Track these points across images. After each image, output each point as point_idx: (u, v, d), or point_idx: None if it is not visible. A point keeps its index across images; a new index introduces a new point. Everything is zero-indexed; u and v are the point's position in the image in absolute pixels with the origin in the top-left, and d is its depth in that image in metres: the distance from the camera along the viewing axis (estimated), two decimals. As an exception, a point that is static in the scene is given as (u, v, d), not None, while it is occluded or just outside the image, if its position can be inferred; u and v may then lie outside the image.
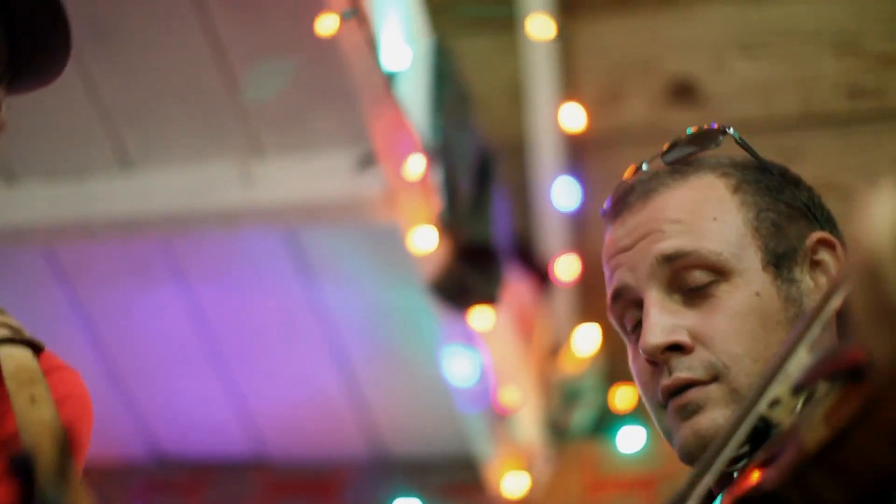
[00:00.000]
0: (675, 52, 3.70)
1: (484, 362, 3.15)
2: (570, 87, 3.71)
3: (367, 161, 2.78)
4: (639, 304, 1.64)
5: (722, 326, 1.57)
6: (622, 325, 1.71)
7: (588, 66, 3.73)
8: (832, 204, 3.90)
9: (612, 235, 1.72)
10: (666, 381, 1.56)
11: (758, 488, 1.32)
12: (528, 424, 3.43)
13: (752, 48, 3.65)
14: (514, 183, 3.56)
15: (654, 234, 1.64)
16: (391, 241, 2.91)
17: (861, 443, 1.14)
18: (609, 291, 1.69)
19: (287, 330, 3.20)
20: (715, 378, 1.54)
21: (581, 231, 3.72)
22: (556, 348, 3.62)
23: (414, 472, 3.38)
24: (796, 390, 1.29)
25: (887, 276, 0.93)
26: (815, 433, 1.23)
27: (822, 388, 1.31)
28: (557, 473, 3.54)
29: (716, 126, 1.78)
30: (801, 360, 1.35)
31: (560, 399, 3.59)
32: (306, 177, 2.88)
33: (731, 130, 1.76)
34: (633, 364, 1.69)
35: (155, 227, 3.02)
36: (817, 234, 1.66)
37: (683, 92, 3.68)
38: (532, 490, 3.36)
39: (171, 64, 2.83)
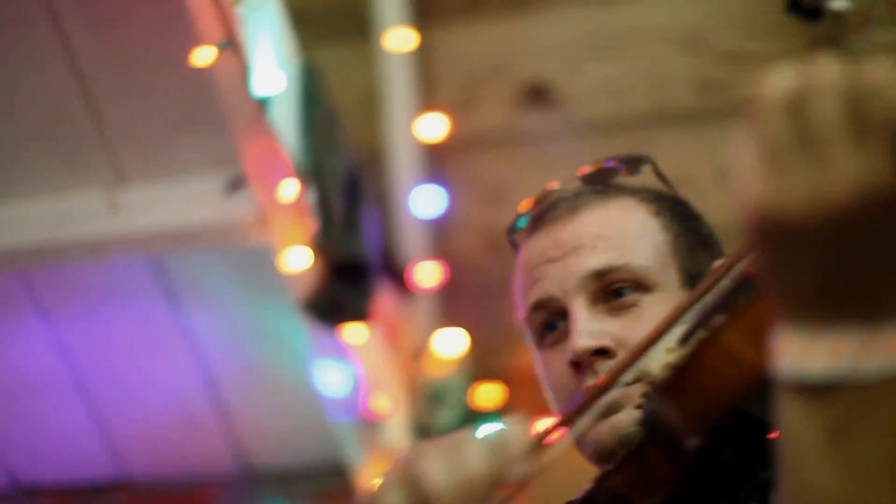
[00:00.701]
0: (528, 56, 3.77)
1: (355, 373, 3.19)
2: (426, 95, 3.74)
3: (236, 185, 2.79)
4: (561, 314, 1.72)
5: (644, 332, 1.65)
6: (538, 334, 1.77)
7: (443, 73, 3.78)
8: (687, 196, 4.02)
9: (536, 246, 1.79)
10: (591, 381, 1.63)
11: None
12: (398, 430, 3.48)
13: (603, 49, 3.73)
14: (373, 192, 3.59)
15: (583, 248, 1.73)
16: (261, 262, 2.92)
17: (708, 361, 1.26)
18: (530, 300, 1.76)
19: (153, 353, 3.19)
20: (637, 380, 1.60)
21: (442, 237, 3.77)
22: (419, 353, 3.66)
23: (283, 483, 3.39)
24: (681, 343, 1.39)
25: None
26: (680, 358, 1.36)
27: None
28: (428, 476, 3.58)
29: (637, 156, 1.88)
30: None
31: (426, 402, 3.64)
32: (174, 203, 2.88)
33: (651, 160, 1.86)
34: (546, 370, 1.76)
35: (17, 259, 2.98)
36: (718, 262, 1.77)
37: (537, 95, 3.75)
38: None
39: (33, 95, 2.79)
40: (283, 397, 3.23)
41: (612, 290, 1.70)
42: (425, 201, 3.67)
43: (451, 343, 3.65)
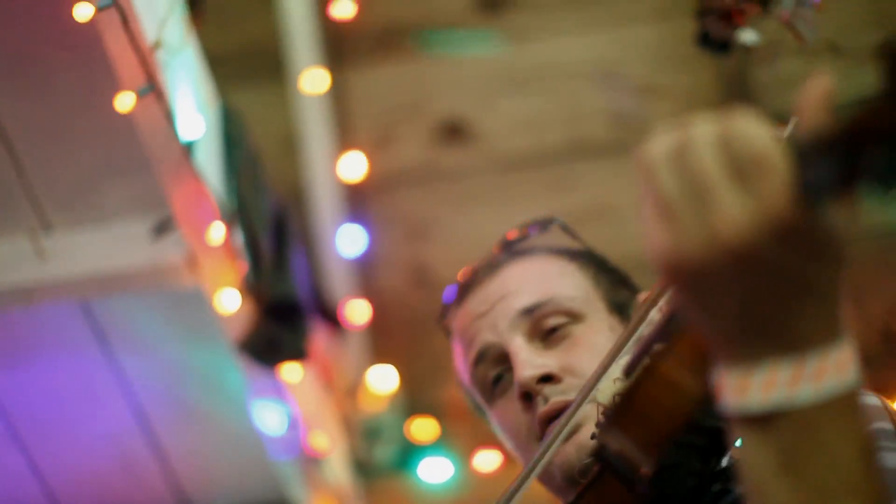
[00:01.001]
0: (443, 93, 3.83)
1: (292, 411, 3.20)
2: (343, 134, 3.79)
3: (163, 228, 2.80)
4: (502, 359, 1.80)
5: (586, 357, 1.75)
6: (485, 387, 1.84)
7: (359, 112, 3.82)
8: (606, 226, 4.08)
9: (465, 310, 1.89)
10: (543, 408, 1.72)
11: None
12: (338, 466, 3.49)
13: (519, 84, 3.80)
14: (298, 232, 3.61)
15: (509, 295, 1.83)
16: (193, 304, 2.92)
17: (650, 389, 1.30)
18: (471, 357, 1.83)
19: (87, 398, 3.16)
20: (592, 399, 1.65)
21: (368, 275, 3.80)
22: (353, 389, 3.68)
23: (226, 524, 3.39)
24: (626, 373, 1.44)
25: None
26: (622, 391, 1.41)
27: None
28: (369, 510, 3.60)
29: (542, 221, 2.03)
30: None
31: (363, 438, 3.66)
32: (101, 247, 2.87)
33: (559, 220, 2.03)
34: (502, 420, 1.83)
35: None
36: (643, 294, 1.87)
37: (454, 131, 3.80)
38: (347, 529, 3.42)
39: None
40: (220, 438, 3.23)
41: (545, 326, 1.78)
42: (348, 240, 3.71)
43: (384, 379, 3.68)
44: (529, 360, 1.75)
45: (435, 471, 3.60)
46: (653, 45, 3.77)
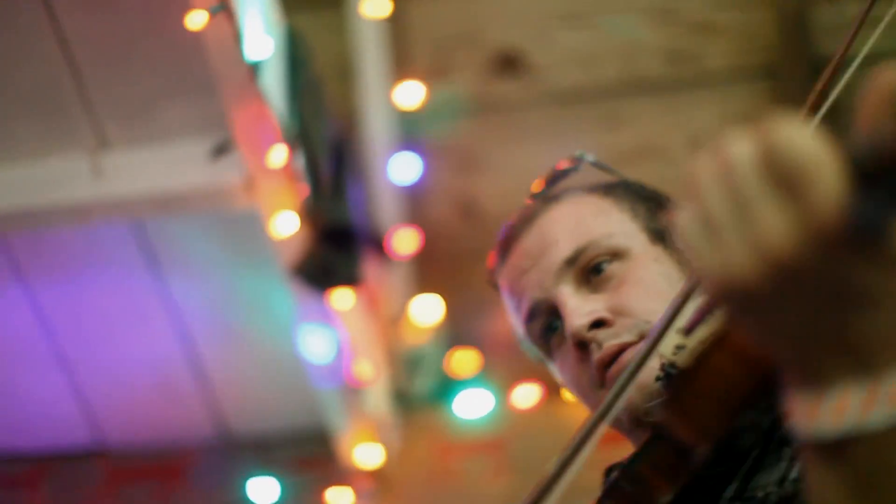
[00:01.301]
0: (499, 25, 3.78)
1: (339, 339, 3.19)
2: (399, 63, 3.74)
3: (222, 150, 2.77)
4: (553, 311, 1.75)
5: (634, 294, 1.71)
6: (544, 343, 1.81)
7: (416, 41, 3.78)
8: (654, 165, 4.05)
9: (509, 268, 1.84)
10: (598, 354, 1.68)
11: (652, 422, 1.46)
12: (378, 396, 3.49)
13: (573, 18, 3.75)
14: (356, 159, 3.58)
15: (548, 247, 1.78)
16: (247, 228, 2.91)
17: (716, 364, 1.27)
18: (523, 315, 1.80)
19: (134, 320, 3.16)
20: (643, 336, 1.64)
21: (416, 205, 3.78)
22: (397, 319, 3.67)
23: (263, 449, 3.39)
24: (687, 332, 1.41)
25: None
26: (685, 362, 1.37)
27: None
28: (407, 442, 3.61)
29: (571, 159, 1.94)
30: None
31: (404, 369, 3.66)
32: (159, 167, 2.85)
33: (588, 156, 1.93)
34: (563, 372, 1.80)
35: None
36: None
37: (509, 63, 3.76)
38: (385, 459, 3.41)
39: (15, 59, 2.74)
40: (264, 364, 3.23)
41: (591, 268, 1.74)
42: (400, 169, 3.68)
43: (427, 310, 3.67)
44: (578, 309, 1.70)
45: (474, 404, 3.59)
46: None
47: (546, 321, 1.78)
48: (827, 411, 1.02)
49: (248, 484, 3.30)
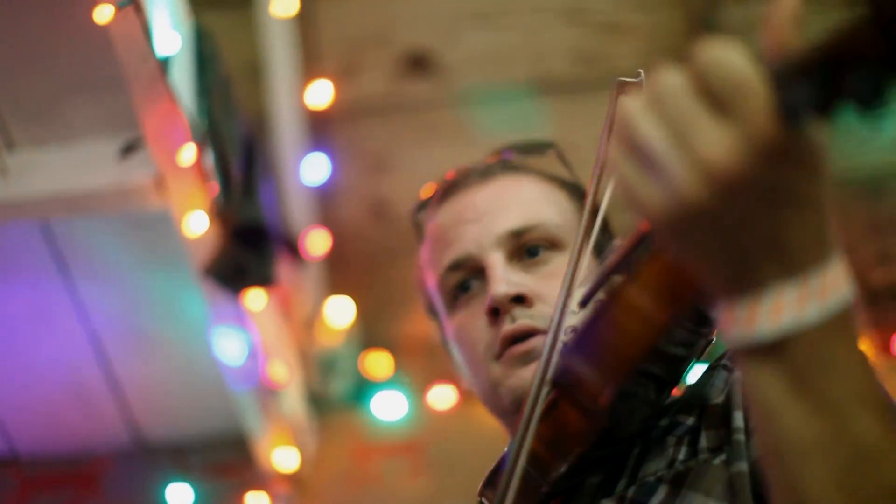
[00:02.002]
0: (409, 25, 3.77)
1: (252, 340, 3.15)
2: (309, 63, 3.72)
3: (131, 148, 2.73)
4: (477, 271, 1.79)
5: (559, 287, 1.70)
6: (451, 295, 1.82)
7: (326, 40, 3.76)
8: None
9: (448, 211, 1.88)
10: (509, 327, 1.74)
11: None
12: (293, 398, 3.45)
13: (483, 18, 3.75)
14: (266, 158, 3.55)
15: (497, 210, 1.84)
16: (158, 227, 2.86)
17: (613, 318, 1.31)
18: (445, 261, 1.83)
19: (42, 323, 3.09)
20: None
21: (327, 206, 3.76)
22: (310, 321, 3.64)
23: (178, 455, 3.34)
24: (582, 305, 1.50)
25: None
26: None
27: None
28: (324, 444, 3.58)
29: (543, 143, 2.07)
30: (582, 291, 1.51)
31: (318, 370, 3.63)
32: (66, 167, 2.79)
33: (558, 147, 2.05)
34: (460, 330, 1.83)
35: None
36: (619, 240, 1.94)
37: (418, 63, 3.75)
38: (301, 463, 3.38)
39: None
40: (177, 367, 3.17)
41: (527, 248, 1.81)
42: (311, 169, 3.65)
43: (340, 312, 3.65)
44: (506, 278, 1.75)
45: (389, 406, 3.57)
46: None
47: (464, 277, 1.81)
48: (765, 313, 1.08)
49: (164, 491, 3.25)
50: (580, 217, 1.88)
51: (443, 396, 3.57)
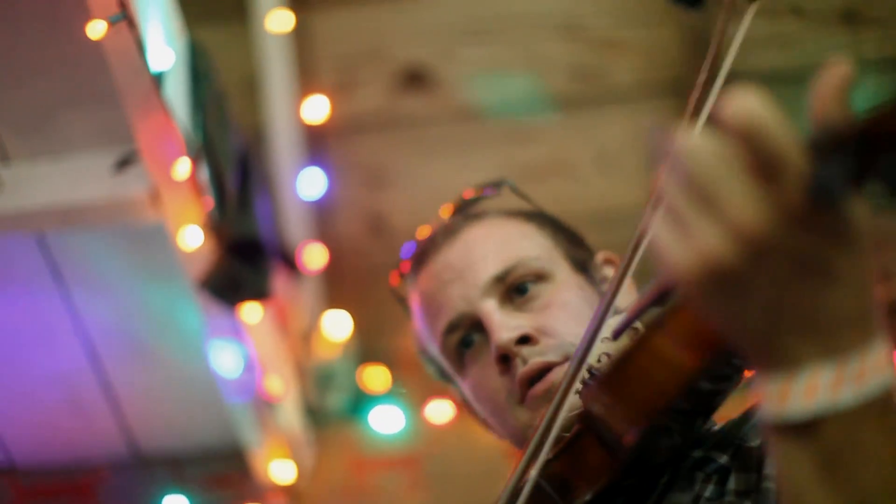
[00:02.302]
0: (406, 40, 3.79)
1: (249, 353, 3.16)
2: (304, 77, 3.74)
3: (126, 162, 2.75)
4: (475, 326, 1.80)
5: (559, 316, 1.76)
6: (456, 356, 1.83)
7: (322, 55, 3.78)
8: (561, 181, 4.05)
9: (426, 278, 1.89)
10: (523, 369, 1.73)
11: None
12: (290, 411, 3.46)
13: (480, 34, 3.77)
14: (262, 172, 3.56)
15: (475, 263, 1.84)
16: (154, 241, 2.88)
17: (655, 347, 1.29)
18: (441, 326, 1.85)
19: (39, 335, 3.11)
20: (567, 357, 1.66)
21: (325, 220, 3.77)
22: (307, 335, 3.65)
23: (175, 467, 3.34)
24: (615, 336, 1.44)
25: None
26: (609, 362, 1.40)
27: None
28: (321, 457, 3.58)
29: (493, 184, 2.06)
30: (616, 320, 1.50)
31: (315, 384, 3.64)
32: (61, 180, 2.81)
33: (509, 181, 2.05)
34: (476, 386, 1.84)
35: None
36: (602, 254, 1.91)
37: (415, 79, 3.76)
38: (298, 475, 3.38)
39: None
40: (173, 380, 3.19)
41: (515, 287, 1.81)
42: (307, 184, 3.67)
43: (337, 326, 3.66)
44: (505, 323, 1.75)
45: (386, 420, 3.58)
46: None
47: (464, 335, 1.81)
48: (798, 392, 1.05)
49: (161, 502, 3.26)
50: (555, 244, 1.89)
51: (440, 410, 3.57)
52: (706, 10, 1.93)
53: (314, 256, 3.67)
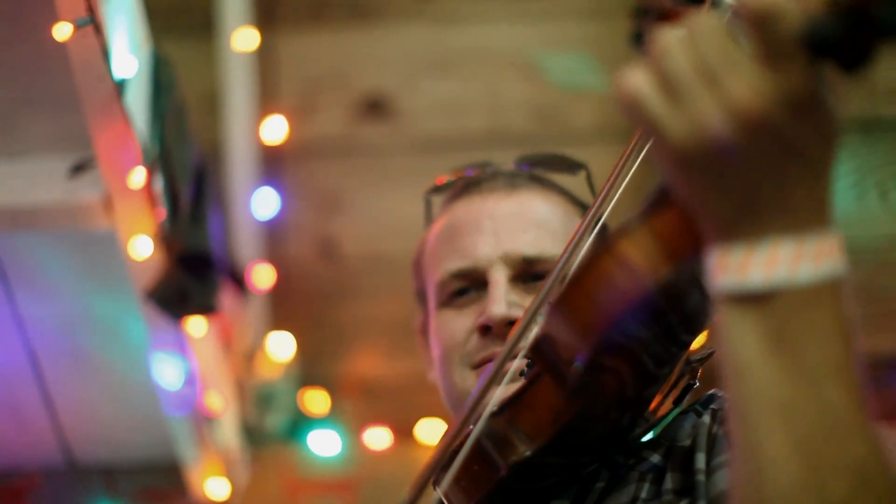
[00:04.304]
0: (369, 68, 3.81)
1: (190, 367, 3.15)
2: (266, 98, 3.75)
3: (82, 167, 2.75)
4: (480, 281, 1.83)
5: None
6: (448, 295, 1.86)
7: (284, 78, 3.79)
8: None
9: (468, 210, 1.90)
10: (495, 348, 1.76)
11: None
12: (228, 429, 3.45)
13: (443, 67, 3.80)
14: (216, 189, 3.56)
15: (516, 229, 1.86)
16: (103, 248, 2.87)
17: (593, 276, 1.29)
18: (452, 266, 1.87)
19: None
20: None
21: (275, 241, 3.77)
22: (250, 354, 3.65)
23: (108, 477, 3.32)
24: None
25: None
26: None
27: None
28: (256, 477, 3.57)
29: (576, 161, 2.09)
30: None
31: (255, 403, 3.63)
32: (14, 181, 2.81)
33: (589, 170, 2.07)
34: (444, 327, 1.86)
35: None
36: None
37: (375, 107, 3.79)
38: (232, 493, 3.37)
39: None
40: (113, 390, 3.17)
41: (532, 274, 1.81)
42: (261, 203, 3.68)
43: (281, 347, 3.66)
44: (507, 297, 1.78)
45: (324, 443, 3.58)
46: (580, 42, 3.79)
47: (465, 285, 1.84)
48: (758, 263, 1.10)
49: (93, 513, 3.24)
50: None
51: (378, 437, 3.58)
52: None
53: (263, 276, 3.67)
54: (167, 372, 3.09)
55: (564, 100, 3.78)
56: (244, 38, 3.62)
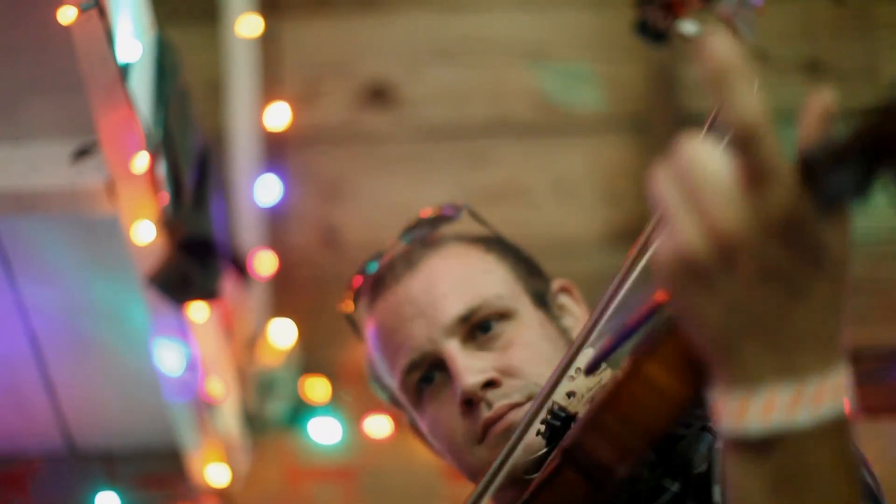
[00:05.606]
0: (373, 56, 3.81)
1: (192, 353, 3.15)
2: (269, 84, 3.74)
3: (85, 152, 2.75)
4: (437, 365, 1.80)
5: (522, 356, 1.77)
6: (415, 393, 1.84)
7: (288, 64, 3.79)
8: (517, 206, 4.08)
9: (386, 310, 1.85)
10: (488, 413, 1.73)
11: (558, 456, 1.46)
12: (229, 415, 3.45)
13: (447, 55, 3.79)
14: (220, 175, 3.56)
15: (437, 300, 1.82)
16: (106, 233, 2.86)
17: (625, 402, 1.28)
18: (402, 364, 1.84)
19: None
20: (531, 398, 1.67)
21: (278, 228, 3.77)
22: (251, 341, 3.65)
23: (109, 463, 3.32)
24: (588, 371, 1.44)
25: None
26: (590, 404, 1.38)
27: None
28: (257, 464, 3.57)
29: (452, 206, 2.03)
30: (587, 355, 1.51)
31: (256, 390, 3.63)
32: (17, 165, 2.80)
33: (468, 205, 2.03)
34: (435, 423, 1.83)
35: None
36: (557, 282, 1.91)
37: (378, 94, 3.79)
38: (233, 480, 3.37)
39: None
40: (114, 374, 3.17)
41: (479, 326, 1.80)
42: (264, 190, 3.68)
43: (282, 334, 3.66)
44: (470, 366, 1.75)
45: (324, 431, 3.58)
46: (585, 31, 3.80)
47: (424, 372, 1.80)
48: (755, 410, 1.07)
49: (93, 498, 3.23)
50: (516, 277, 1.89)
51: (378, 425, 3.58)
52: (671, 46, 1.94)
53: (265, 263, 3.67)
54: (168, 358, 3.09)
55: (566, 89, 3.78)
56: (248, 25, 3.62)
